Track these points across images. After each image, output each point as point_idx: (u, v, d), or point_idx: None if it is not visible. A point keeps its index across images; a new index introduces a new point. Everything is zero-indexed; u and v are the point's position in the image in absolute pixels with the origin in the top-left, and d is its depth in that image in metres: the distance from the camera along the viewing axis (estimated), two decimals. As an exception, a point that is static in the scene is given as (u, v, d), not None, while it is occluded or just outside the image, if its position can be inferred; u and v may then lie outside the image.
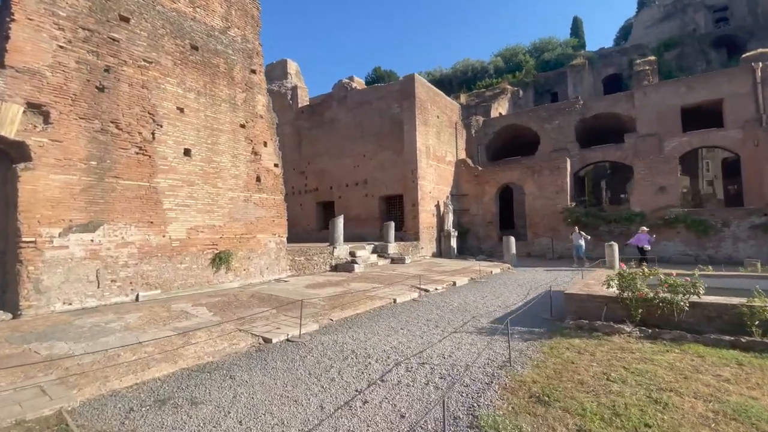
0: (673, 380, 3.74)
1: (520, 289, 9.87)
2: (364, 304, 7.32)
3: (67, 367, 4.10)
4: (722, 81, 18.46)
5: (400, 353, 4.73)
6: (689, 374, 3.88)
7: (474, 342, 5.17)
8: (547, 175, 19.66)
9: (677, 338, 4.85)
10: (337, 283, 10.01)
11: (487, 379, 3.82)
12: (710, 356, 4.30)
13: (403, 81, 18.14)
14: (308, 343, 5.21)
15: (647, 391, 3.51)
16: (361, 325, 6.16)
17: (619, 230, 17.86)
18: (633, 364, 4.12)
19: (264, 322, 6.06)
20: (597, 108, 21.85)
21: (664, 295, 5.05)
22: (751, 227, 15.37)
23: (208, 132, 9.47)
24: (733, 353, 4.33)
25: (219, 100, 9.75)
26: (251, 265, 10.33)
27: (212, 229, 9.48)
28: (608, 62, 37.62)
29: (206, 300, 7.82)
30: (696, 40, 39.44)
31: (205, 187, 9.35)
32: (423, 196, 17.60)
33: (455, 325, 6.19)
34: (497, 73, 46.77)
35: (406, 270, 12.66)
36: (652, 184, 18.05)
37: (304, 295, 8.20)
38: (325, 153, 20.73)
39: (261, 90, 10.89)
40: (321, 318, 6.39)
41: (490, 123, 24.80)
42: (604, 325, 5.39)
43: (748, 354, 4.31)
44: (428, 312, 7.14)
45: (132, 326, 5.77)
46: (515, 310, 7.26)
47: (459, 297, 8.67)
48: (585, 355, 4.45)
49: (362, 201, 19.35)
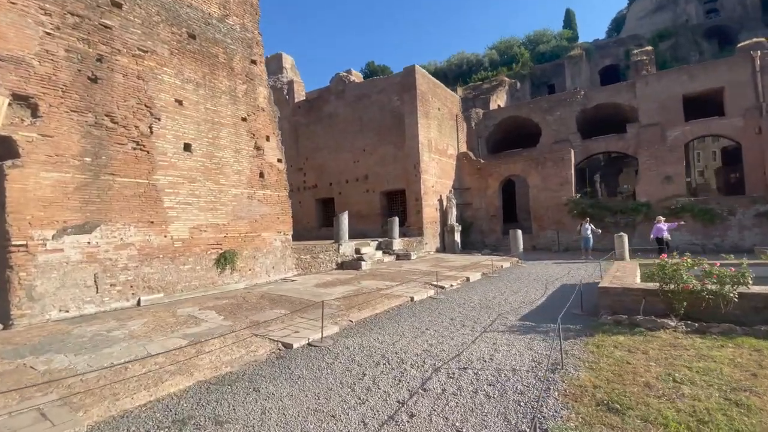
0: (742, 378, 3.42)
1: (537, 284, 9.55)
2: (382, 304, 6.93)
3: (70, 385, 3.66)
4: (723, 69, 18.27)
5: (436, 357, 4.36)
6: (756, 370, 3.56)
7: (510, 342, 4.81)
8: (550, 166, 19.39)
9: (727, 332, 4.54)
10: (347, 281, 9.61)
11: (542, 385, 3.46)
12: (766, 350, 3.98)
13: (404, 73, 17.69)
14: (332, 347, 4.81)
15: (721, 392, 3.18)
16: (383, 326, 5.77)
17: (625, 221, 17.67)
18: (693, 363, 3.79)
19: (280, 325, 5.64)
20: (598, 98, 21.57)
21: (711, 287, 4.73)
22: (757, 215, 15.25)
23: (209, 126, 8.98)
24: (795, 347, 4.02)
25: (219, 91, 9.25)
26: (257, 264, 9.88)
27: (216, 227, 9.01)
28: (605, 53, 37.47)
29: (213, 303, 7.37)
30: (689, 31, 39.51)
31: (207, 183, 8.87)
32: (426, 190, 17.22)
33: (483, 323, 5.83)
34: (492, 66, 46.48)
35: (414, 266, 12.29)
36: (657, 173, 17.88)
37: (316, 295, 7.79)
38: (324, 148, 20.24)
39: (262, 81, 10.40)
40: (339, 319, 5.99)
41: (490, 115, 24.45)
42: (645, 319, 5.07)
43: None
44: (450, 310, 6.78)
45: (137, 334, 5.32)
46: (541, 306, 6.93)
47: (477, 293, 8.33)
48: (637, 354, 4.12)
49: (363, 197, 18.92)
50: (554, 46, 47.03)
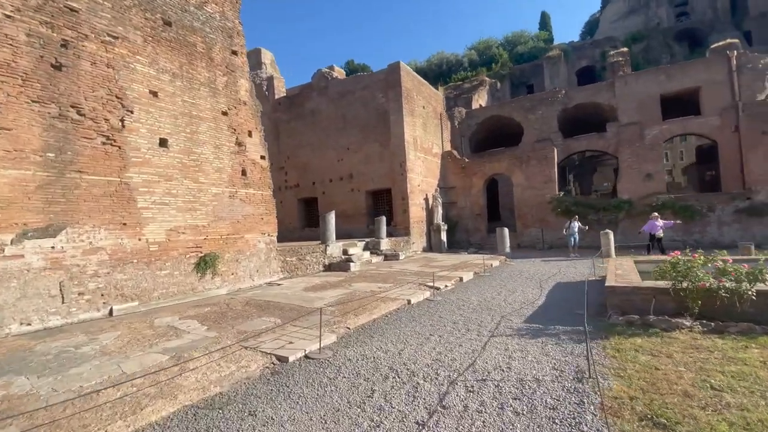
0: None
1: (531, 282, 9.39)
2: (378, 308, 6.54)
3: (31, 415, 3.10)
4: (699, 69, 18.77)
5: (448, 367, 4.00)
6: (787, 374, 3.38)
7: (523, 348, 4.51)
8: (534, 165, 19.45)
9: (746, 331, 4.40)
10: (337, 284, 9.16)
11: (574, 398, 3.16)
12: (795, 351, 3.84)
13: (388, 70, 17.33)
14: (332, 359, 4.38)
15: (763, 397, 2.96)
16: (384, 333, 5.38)
17: (608, 219, 17.90)
18: (724, 366, 3.58)
19: (271, 335, 5.16)
20: (578, 98, 21.84)
21: (728, 285, 4.58)
22: (735, 211, 15.70)
23: (187, 119, 8.34)
24: (819, 346, 3.89)
25: (197, 83, 8.62)
26: (240, 268, 9.30)
27: (195, 229, 8.39)
28: (581, 55, 38.26)
29: (194, 311, 6.79)
30: (660, 34, 40.78)
31: (186, 182, 8.24)
32: (412, 189, 16.92)
33: (488, 327, 5.53)
34: (472, 66, 46.79)
35: (403, 267, 11.95)
36: (638, 171, 18.21)
37: (306, 300, 7.32)
38: (306, 146, 19.66)
39: (243, 74, 9.81)
40: (335, 327, 5.56)
41: (473, 114, 24.42)
42: (659, 320, 4.88)
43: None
44: (450, 313, 6.45)
45: (110, 350, 4.73)
46: (542, 307, 6.70)
47: (473, 294, 8.05)
48: (662, 358, 3.89)
49: (348, 196, 18.46)
50: (532, 47, 47.80)
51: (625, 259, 9.19)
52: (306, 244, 12.56)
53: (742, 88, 17.67)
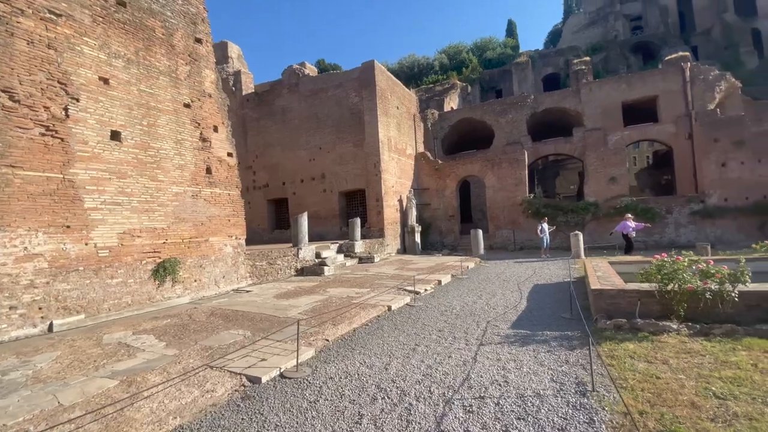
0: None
1: (509, 285, 9.30)
2: (358, 316, 6.12)
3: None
4: (657, 79, 19.74)
5: (441, 384, 3.66)
6: (785, 378, 3.31)
7: (516, 357, 4.26)
8: (506, 167, 19.72)
9: (729, 333, 4.38)
10: (312, 290, 8.64)
11: (582, 416, 2.90)
12: (783, 353, 3.82)
13: (362, 68, 16.94)
14: (312, 379, 3.93)
15: (765, 403, 2.84)
16: (366, 345, 4.98)
17: (575, 220, 18.38)
18: (720, 371, 3.48)
19: (241, 351, 4.62)
20: (547, 103, 22.40)
21: (713, 287, 4.56)
22: (691, 213, 16.56)
23: (144, 111, 7.57)
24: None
25: (156, 71, 7.86)
26: (204, 274, 8.57)
27: (153, 232, 7.62)
28: (547, 62, 39.62)
29: (151, 324, 6.08)
30: (618, 46, 42.97)
31: (142, 180, 7.46)
32: (386, 190, 16.61)
33: (475, 334, 5.27)
34: (443, 70, 47.40)
35: (380, 270, 11.58)
36: (603, 174, 18.84)
37: (279, 309, 6.78)
38: (276, 145, 18.87)
39: (209, 64, 9.10)
40: (313, 339, 5.09)
41: (445, 116, 24.51)
42: (647, 323, 4.80)
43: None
44: (434, 320, 6.15)
45: (45, 375, 4.03)
46: (526, 311, 6.54)
47: (454, 298, 7.81)
48: (658, 365, 3.75)
49: (320, 197, 17.87)
50: (500, 54, 49.08)
51: (600, 260, 9.30)
52: (277, 247, 11.92)
53: (695, 98, 18.74)
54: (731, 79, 18.88)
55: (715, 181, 16.25)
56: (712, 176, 16.40)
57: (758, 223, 15.04)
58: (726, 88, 18.54)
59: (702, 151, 17.09)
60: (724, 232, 15.67)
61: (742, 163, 15.59)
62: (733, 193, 15.68)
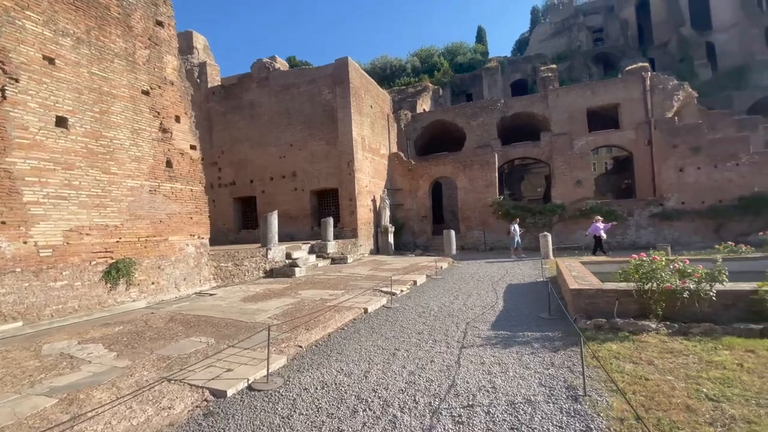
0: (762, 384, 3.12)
1: (483, 284, 9.26)
2: (333, 319, 5.78)
3: None
4: (619, 87, 20.64)
5: (426, 392, 3.41)
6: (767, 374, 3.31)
7: (500, 361, 4.09)
8: (477, 169, 19.95)
9: (708, 332, 4.42)
10: (282, 292, 8.19)
11: (578, 424, 2.74)
12: (759, 350, 3.86)
13: (336, 65, 16.55)
14: (284, 390, 3.57)
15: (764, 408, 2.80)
16: (343, 351, 4.66)
17: (543, 222, 18.82)
18: (707, 372, 3.44)
19: (203, 361, 4.18)
20: (516, 107, 22.89)
21: (692, 286, 4.60)
22: (651, 216, 17.36)
23: (95, 96, 6.87)
24: (778, 344, 3.96)
25: (111, 54, 7.17)
26: (162, 276, 7.92)
27: (105, 230, 6.92)
28: (515, 68, 40.74)
29: (101, 331, 5.47)
30: (581, 56, 44.87)
31: (93, 172, 6.76)
32: (360, 190, 16.29)
33: (455, 336, 5.07)
34: (415, 72, 47.82)
35: (353, 271, 11.25)
36: (570, 177, 19.44)
37: (245, 313, 6.31)
38: (244, 141, 18.09)
39: (171, 49, 8.46)
40: (284, 345, 4.71)
41: (418, 118, 24.55)
42: (626, 323, 4.78)
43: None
44: (412, 322, 5.91)
45: (-35, 395, 3.43)
46: (504, 311, 6.45)
47: (431, 299, 7.62)
48: (644, 366, 3.69)
49: (290, 196, 17.28)
50: (470, 59, 50.10)
51: (571, 261, 9.43)
52: (244, 247, 11.31)
53: (655, 106, 19.73)
54: (688, 89, 20.03)
55: (674, 186, 17.12)
56: (671, 181, 17.27)
57: (714, 225, 15.96)
58: (684, 97, 19.63)
59: (661, 156, 17.97)
60: (682, 234, 16.52)
61: (699, 168, 16.51)
62: (690, 197, 16.57)
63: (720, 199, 16.00)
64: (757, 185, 15.38)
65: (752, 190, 15.39)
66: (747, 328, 4.32)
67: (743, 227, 15.35)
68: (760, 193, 15.20)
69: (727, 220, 15.79)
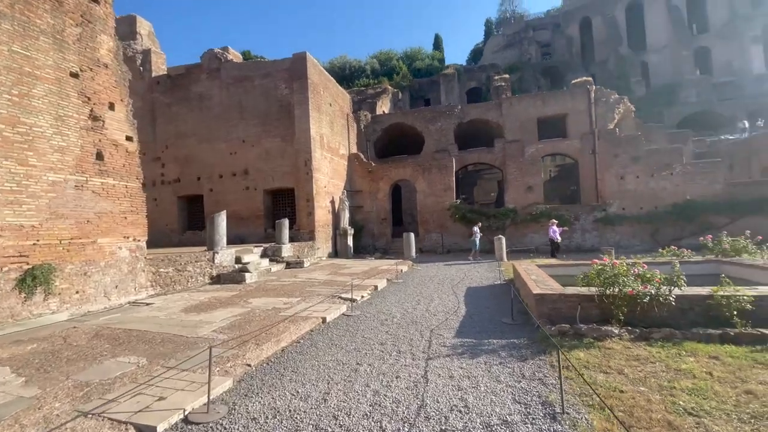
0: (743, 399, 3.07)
1: (444, 288, 9.16)
2: (288, 331, 5.27)
3: None
4: (567, 99, 21.79)
5: (393, 415, 3.07)
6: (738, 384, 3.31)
7: (470, 374, 3.86)
8: (436, 173, 20.11)
9: (668, 336, 4.50)
10: (230, 300, 7.49)
11: (560, 447, 2.53)
12: (723, 356, 3.92)
13: (294, 59, 15.86)
14: (228, 422, 3.05)
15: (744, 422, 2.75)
16: (298, 368, 4.19)
17: (497, 225, 19.31)
18: (678, 381, 3.41)
19: (130, 386, 3.53)
20: (472, 114, 23.44)
21: (653, 291, 4.67)
22: (595, 220, 18.39)
23: (15, 77, 5.88)
24: (738, 350, 4.06)
25: (37, 30, 6.17)
26: (89, 284, 6.93)
27: (18, 231, 5.90)
28: (471, 76, 42.01)
29: (9, 351, 4.56)
30: (531, 68, 47.24)
31: (7, 163, 5.75)
32: (318, 190, 15.70)
33: (420, 346, 4.80)
34: (374, 75, 47.89)
35: (310, 276, 10.69)
36: (522, 183, 20.14)
37: (186, 326, 5.62)
38: (191, 135, 16.81)
39: (107, 28, 7.48)
40: (230, 364, 4.15)
41: (378, 120, 24.38)
42: (590, 328, 4.77)
43: (743, 347, 4.12)
44: (374, 331, 5.56)
45: None
46: (467, 316, 6.29)
47: (393, 305, 7.33)
48: (614, 375, 3.61)
49: (242, 195, 16.28)
50: (428, 65, 51.13)
51: (528, 263, 9.58)
52: (188, 250, 10.36)
53: (598, 118, 21.04)
54: (627, 103, 21.56)
55: (615, 192, 18.27)
56: (612, 188, 18.43)
57: (651, 230, 17.20)
58: (623, 110, 21.11)
59: (604, 164, 19.14)
60: (623, 238, 17.65)
61: (638, 177, 17.75)
62: (630, 203, 17.76)
63: (656, 205, 17.29)
64: (688, 193, 16.80)
65: (684, 198, 16.78)
66: (706, 333, 4.44)
67: (676, 232, 16.70)
68: (691, 201, 16.60)
69: (662, 226, 17.08)
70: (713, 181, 17.03)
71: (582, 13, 44.97)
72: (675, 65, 35.97)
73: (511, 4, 59.47)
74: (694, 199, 16.62)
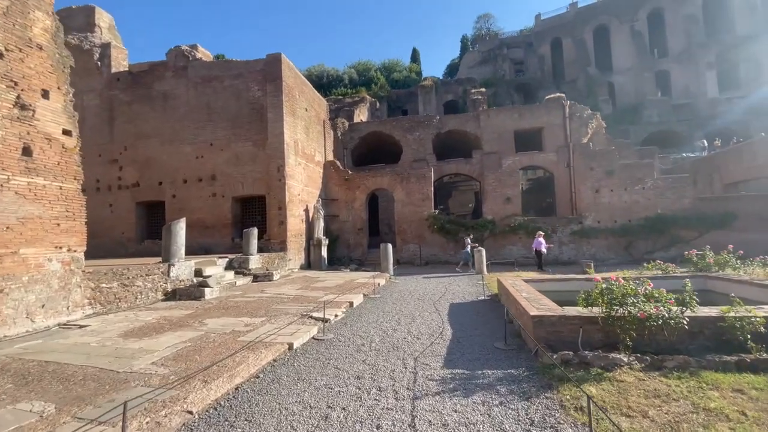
0: None
1: (424, 304, 8.48)
2: (245, 363, 4.39)
3: None
4: (543, 113, 21.99)
5: (376, 488, 2.31)
6: None
7: (466, 419, 3.15)
8: (414, 182, 19.63)
9: (683, 365, 3.97)
10: (182, 322, 6.47)
11: None
12: (747, 389, 3.42)
13: (268, 60, 15.03)
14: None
15: None
16: (254, 415, 3.34)
17: (475, 236, 18.94)
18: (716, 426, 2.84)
19: (18, 452, 2.59)
20: (450, 125, 23.26)
21: (666, 313, 4.15)
22: (572, 233, 18.34)
23: None
24: (759, 379, 3.58)
25: (-68, -10, 5.11)
26: (7, 303, 5.77)
27: None
28: (448, 89, 42.42)
29: None
30: (505, 84, 48.34)
31: None
32: (291, 198, 14.77)
33: (404, 381, 4.05)
34: (352, 84, 47.65)
35: (279, 290, 9.73)
36: (500, 195, 19.97)
37: (120, 356, 4.63)
38: (153, 136, 15.56)
39: (43, 5, 6.46)
40: (165, 411, 3.25)
41: (355, 128, 23.79)
42: (596, 356, 4.18)
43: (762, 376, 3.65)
44: (349, 360, 4.77)
45: None
46: (454, 341, 5.61)
47: (371, 325, 6.55)
48: (638, 419, 3.00)
49: (208, 202, 15.13)
50: (406, 77, 51.46)
51: (513, 277, 9.06)
52: (139, 262, 9.21)
53: (572, 132, 21.28)
54: (599, 119, 21.97)
55: (591, 205, 18.35)
56: (588, 200, 18.51)
57: (625, 243, 17.28)
58: (596, 126, 21.46)
59: (579, 178, 19.26)
60: (598, 251, 17.64)
61: (612, 190, 17.90)
62: (605, 216, 17.84)
63: (629, 218, 17.44)
64: (659, 207, 17.03)
65: (656, 212, 16.99)
66: (722, 361, 3.94)
67: (649, 245, 16.84)
68: (662, 215, 16.82)
69: (635, 239, 17.21)
70: (681, 196, 17.40)
71: (553, 34, 46.60)
72: (638, 86, 37.60)
73: (486, 22, 61.07)
74: (664, 213, 16.86)
